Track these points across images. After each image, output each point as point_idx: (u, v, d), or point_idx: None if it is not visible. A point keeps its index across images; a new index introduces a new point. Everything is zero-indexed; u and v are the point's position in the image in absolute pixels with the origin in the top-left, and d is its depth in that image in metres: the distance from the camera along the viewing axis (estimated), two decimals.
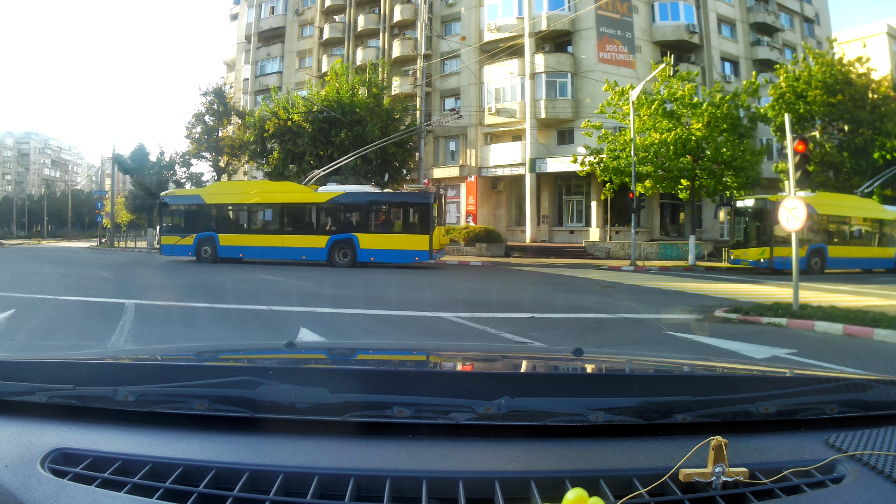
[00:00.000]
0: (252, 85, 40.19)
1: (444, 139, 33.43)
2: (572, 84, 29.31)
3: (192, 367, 1.38)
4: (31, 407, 1.12)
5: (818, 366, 5.56)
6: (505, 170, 30.83)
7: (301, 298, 11.02)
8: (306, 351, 1.83)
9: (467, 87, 31.97)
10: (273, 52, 40.46)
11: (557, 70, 29.34)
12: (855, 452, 1.00)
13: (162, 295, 11.42)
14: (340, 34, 37.26)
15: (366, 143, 23.76)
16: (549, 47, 30.49)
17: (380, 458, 0.97)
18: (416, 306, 10.32)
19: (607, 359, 1.92)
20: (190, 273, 16.76)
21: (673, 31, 30.36)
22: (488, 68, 31.03)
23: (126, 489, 0.88)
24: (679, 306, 10.79)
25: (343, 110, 25.27)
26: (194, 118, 33.52)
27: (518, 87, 29.97)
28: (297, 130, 25.75)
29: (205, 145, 33.42)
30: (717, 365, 1.83)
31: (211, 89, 33.54)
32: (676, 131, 21.62)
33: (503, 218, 32.47)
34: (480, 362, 1.85)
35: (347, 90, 25.93)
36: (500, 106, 30.48)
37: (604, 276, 17.40)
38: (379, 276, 16.75)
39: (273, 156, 26.91)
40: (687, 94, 22.12)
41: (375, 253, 19.49)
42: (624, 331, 8.35)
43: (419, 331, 7.98)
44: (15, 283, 13.40)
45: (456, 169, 32.45)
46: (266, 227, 21.32)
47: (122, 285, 13.17)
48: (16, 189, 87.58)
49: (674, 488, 0.91)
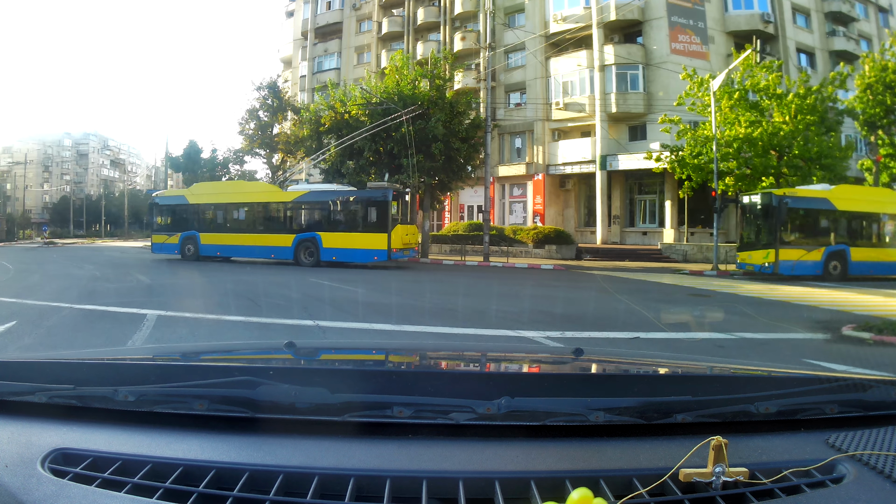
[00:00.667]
0: (309, 82, 39.36)
1: (509, 135, 32.19)
2: (644, 76, 27.88)
3: (192, 367, 1.38)
4: (31, 407, 1.13)
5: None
6: (574, 167, 29.59)
7: (349, 308, 9.94)
8: (306, 351, 1.84)
9: (533, 81, 30.71)
10: (330, 48, 39.95)
11: (628, 62, 27.98)
12: (855, 452, 1.00)
13: (190, 304, 10.16)
14: (399, 28, 36.50)
15: (428, 139, 22.97)
16: (618, 38, 29.14)
17: (380, 458, 0.97)
18: (491, 321, 8.71)
19: (607, 359, 1.92)
20: (224, 274, 15.96)
21: (747, 21, 28.51)
22: (555, 61, 29.82)
23: (126, 489, 0.89)
24: (792, 321, 9.42)
25: (404, 103, 23.46)
26: (247, 114, 32.79)
27: (587, 80, 28.78)
28: (355, 124, 24.19)
29: (258, 142, 32.62)
30: (717, 365, 1.83)
31: (265, 84, 32.70)
32: (762, 125, 19.98)
33: (572, 218, 31.31)
34: (480, 362, 1.85)
35: (408, 82, 24.33)
36: (568, 100, 29.34)
37: (690, 283, 16.12)
38: (429, 278, 16.03)
39: (329, 152, 25.58)
40: (772, 85, 20.46)
41: (337, 252, 19.29)
42: (754, 358, 7.03)
43: None
44: (37, 288, 12.48)
45: (522, 167, 31.31)
46: (240, 227, 21.57)
47: (154, 290, 12.11)
48: (74, 189, 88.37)
49: (674, 488, 0.91)
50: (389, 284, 14.28)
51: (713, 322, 9.43)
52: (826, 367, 5.95)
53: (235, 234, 21.20)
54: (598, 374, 1.56)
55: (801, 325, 9.05)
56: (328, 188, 21.80)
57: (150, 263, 19.99)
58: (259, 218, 21.43)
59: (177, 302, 10.39)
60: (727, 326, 8.72)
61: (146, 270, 17.36)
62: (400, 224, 19.30)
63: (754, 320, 9.40)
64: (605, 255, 25.63)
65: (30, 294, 10.81)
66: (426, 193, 24.95)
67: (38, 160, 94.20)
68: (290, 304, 10.13)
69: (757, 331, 8.41)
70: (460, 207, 34.09)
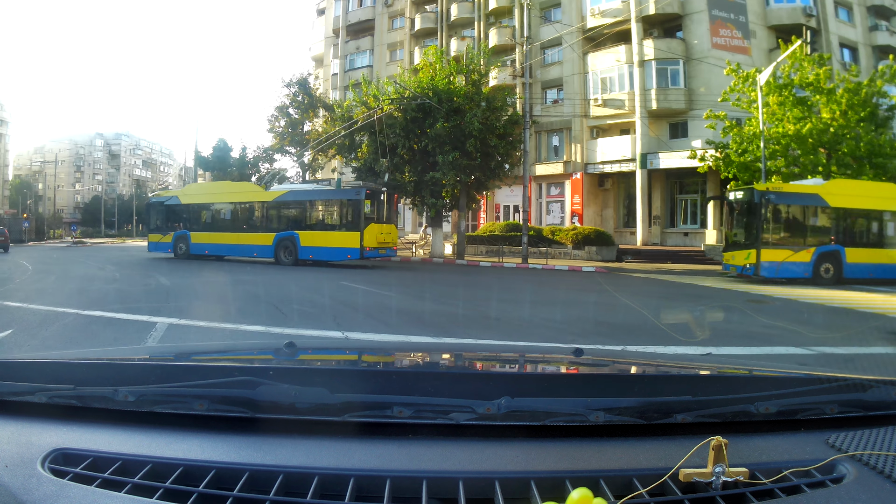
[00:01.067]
0: (341, 80, 38.39)
1: (546, 133, 31.23)
2: (684, 72, 27.03)
3: (192, 367, 1.38)
4: (31, 407, 1.13)
5: None
6: (613, 166, 28.69)
7: (380, 315, 9.00)
8: (306, 351, 1.85)
9: (570, 77, 29.87)
10: (362, 46, 39.33)
11: (668, 57, 27.02)
12: (855, 452, 1.00)
13: (205, 310, 9.36)
14: (433, 24, 35.76)
15: (464, 135, 22.19)
16: (657, 32, 28.24)
17: (380, 458, 0.97)
18: (538, 332, 7.85)
19: (607, 359, 1.92)
20: (249, 277, 14.95)
21: (789, 15, 27.49)
22: (592, 56, 29.07)
23: (126, 489, 0.89)
24: (863, 331, 8.60)
25: (439, 98, 22.69)
26: (277, 111, 31.93)
27: (626, 75, 27.93)
28: (388, 121, 23.39)
29: (288, 139, 31.74)
30: (717, 365, 1.82)
31: (295, 80, 31.76)
32: (811, 121, 18.90)
33: (610, 218, 30.34)
34: (480, 362, 1.85)
35: (443, 76, 23.37)
36: (606, 96, 28.52)
37: (742, 287, 14.84)
38: (464, 280, 15.50)
39: (362, 149, 24.94)
40: (822, 79, 19.32)
41: (313, 250, 19.44)
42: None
43: None
44: (48, 291, 11.71)
45: (560, 165, 30.43)
46: (226, 226, 22.03)
47: (171, 294, 11.28)
48: (106, 189, 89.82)
49: (674, 488, 0.91)
50: (422, 288, 13.57)
51: (784, 333, 8.35)
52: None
53: (222, 234, 21.76)
54: (598, 374, 1.56)
55: (877, 338, 8.18)
56: (306, 188, 22.31)
57: (174, 264, 19.69)
58: (243, 217, 21.88)
59: (192, 308, 9.67)
60: (801, 339, 7.82)
61: (168, 272, 16.63)
62: (375, 223, 19.38)
63: (819, 329, 8.67)
64: (646, 257, 24.79)
65: (38, 298, 10.14)
66: (462, 192, 24.22)
67: (70, 160, 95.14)
68: (320, 311, 9.30)
69: (835, 344, 7.61)
70: (496, 207, 33.42)
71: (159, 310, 8.61)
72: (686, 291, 14.07)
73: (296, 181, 33.48)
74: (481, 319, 8.95)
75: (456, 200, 24.57)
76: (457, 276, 17.13)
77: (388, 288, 13.02)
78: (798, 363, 6.48)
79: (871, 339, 8.01)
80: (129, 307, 9.09)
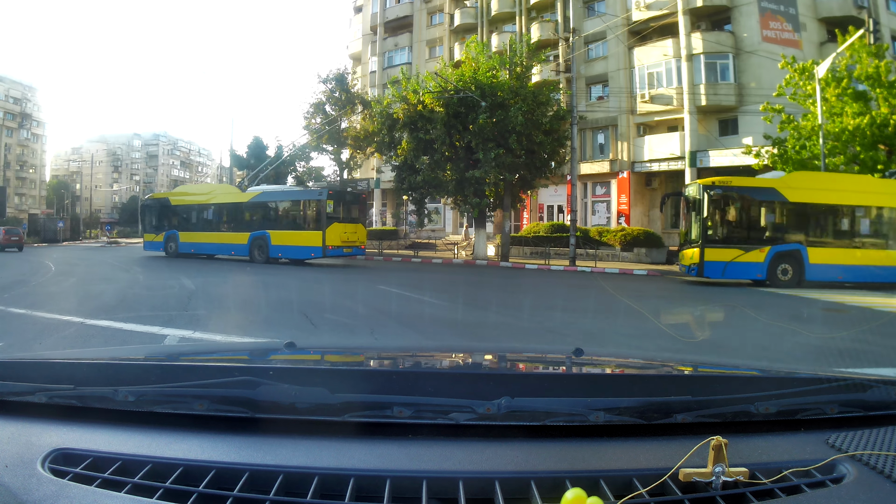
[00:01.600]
0: (380, 77, 37.90)
1: (590, 131, 30.19)
2: (734, 66, 26.04)
3: (192, 367, 1.38)
4: (31, 407, 1.13)
5: None
6: (661, 164, 27.73)
7: (417, 325, 8.06)
8: (306, 351, 1.85)
9: (616, 73, 29.04)
10: (401, 43, 38.57)
11: (717, 50, 26.10)
12: (855, 452, 1.00)
13: (224, 321, 8.43)
14: (473, 20, 34.98)
15: (508, 131, 21.36)
16: (704, 25, 27.33)
17: (380, 458, 0.97)
18: (621, 344, 6.93)
19: (607, 359, 1.92)
20: (273, 280, 14.36)
21: (839, 6, 26.26)
22: (638, 50, 28.21)
23: (126, 489, 0.89)
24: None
25: (482, 92, 21.95)
26: (313, 108, 31.10)
27: (673, 70, 27.12)
28: (429, 116, 22.63)
29: (325, 137, 30.88)
30: (717, 365, 1.82)
31: (331, 76, 31.02)
32: (871, 115, 17.72)
33: (658, 219, 28.67)
34: (480, 362, 1.85)
35: (486, 70, 22.53)
36: (653, 92, 27.60)
37: (811, 294, 13.29)
38: (512, 284, 14.71)
39: (402, 146, 24.11)
40: (883, 72, 18.16)
41: (282, 249, 20.32)
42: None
43: None
44: (61, 295, 11.03)
45: (605, 164, 29.47)
46: (209, 226, 23.11)
47: (192, 300, 10.27)
48: (144, 189, 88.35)
49: (674, 488, 0.91)
50: (474, 294, 12.58)
51: (882, 351, 7.12)
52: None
53: (205, 233, 22.90)
54: (598, 374, 1.56)
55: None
56: (278, 188, 23.53)
57: (204, 265, 19.44)
58: (223, 218, 22.84)
59: (210, 317, 8.65)
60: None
61: (196, 273, 15.82)
62: (339, 222, 20.05)
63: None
64: None
65: (47, 304, 9.47)
66: (506, 191, 23.38)
67: (108, 161, 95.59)
68: (353, 318, 8.49)
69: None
70: (539, 207, 32.62)
71: (173, 319, 7.86)
72: (754, 300, 12.41)
73: (333, 180, 33.56)
74: (545, 333, 7.78)
75: (500, 200, 23.83)
76: (504, 279, 16.46)
77: (420, 292, 12.14)
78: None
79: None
80: (141, 316, 8.39)
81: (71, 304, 9.76)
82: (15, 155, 71.48)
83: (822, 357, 6.38)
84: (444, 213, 35.10)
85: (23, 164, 73.33)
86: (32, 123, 74.60)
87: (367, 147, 29.63)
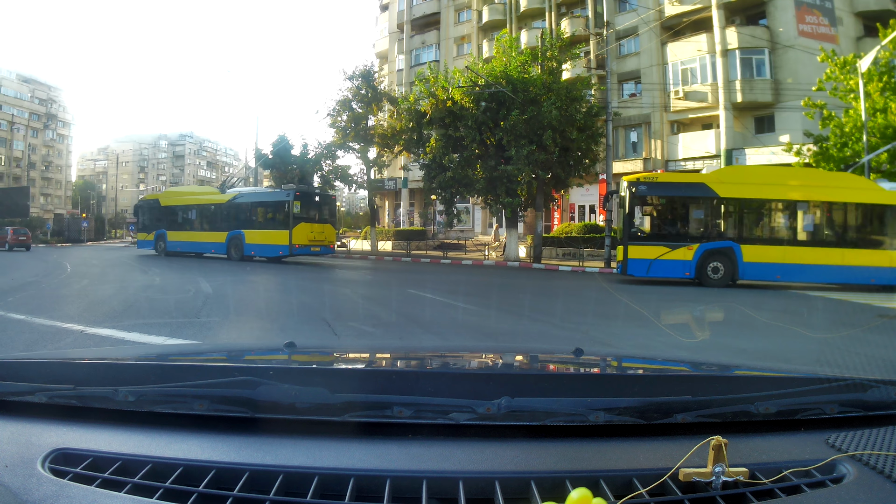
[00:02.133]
0: (407, 76, 37.10)
1: (623, 128, 29.52)
2: (770, 62, 25.45)
3: (192, 367, 1.38)
4: (31, 407, 1.13)
5: None
6: (695, 163, 26.81)
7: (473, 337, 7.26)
8: (306, 351, 1.85)
9: (648, 69, 28.55)
10: (428, 40, 38.19)
11: (753, 46, 25.53)
12: (855, 452, 1.00)
13: (236, 330, 7.75)
14: (501, 16, 34.50)
15: (542, 127, 20.71)
16: (739, 20, 26.78)
17: (380, 458, 0.97)
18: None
19: (607, 359, 1.91)
20: (293, 284, 13.66)
21: (876, 0, 25.69)
22: (672, 46, 27.75)
23: (126, 489, 0.89)
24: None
25: (514, 87, 21.27)
26: (339, 105, 30.35)
27: (708, 66, 26.68)
28: (459, 112, 22.07)
29: (351, 134, 30.24)
30: (717, 365, 1.82)
31: (357, 72, 30.19)
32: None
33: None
34: (480, 362, 1.84)
35: (518, 64, 21.89)
36: (687, 89, 27.15)
37: (859, 299, 12.21)
38: (544, 289, 13.91)
39: (430, 144, 23.53)
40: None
41: (255, 247, 21.85)
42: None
43: None
44: (68, 299, 10.32)
45: (638, 162, 28.83)
46: (193, 226, 24.50)
47: (206, 305, 9.41)
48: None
49: (674, 488, 0.91)
50: (523, 298, 11.72)
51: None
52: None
53: (190, 233, 24.38)
54: (598, 374, 1.56)
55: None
56: (252, 191, 25.12)
57: (226, 266, 19.01)
58: (204, 218, 24.28)
59: (222, 326, 7.85)
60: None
61: (216, 275, 15.18)
62: (306, 222, 21.37)
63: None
64: None
65: (50, 308, 8.82)
66: (539, 190, 22.71)
67: (134, 161, 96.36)
68: (380, 326, 7.86)
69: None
70: (570, 207, 32.15)
71: (182, 328, 7.28)
72: (801, 304, 11.62)
73: (360, 179, 33.36)
74: (596, 345, 6.78)
75: (532, 199, 23.14)
76: (542, 282, 15.84)
77: (454, 297, 11.25)
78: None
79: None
80: (149, 323, 7.74)
81: (76, 308, 9.06)
82: (40, 155, 72.43)
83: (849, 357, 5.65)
84: (474, 213, 34.79)
85: (48, 164, 74.15)
86: (58, 124, 75.51)
87: (395, 145, 29.33)
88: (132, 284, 12.88)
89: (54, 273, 16.20)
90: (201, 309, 9.01)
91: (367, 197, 35.58)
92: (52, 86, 75.80)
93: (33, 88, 71.53)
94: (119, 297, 10.75)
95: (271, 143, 34.74)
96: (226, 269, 17.95)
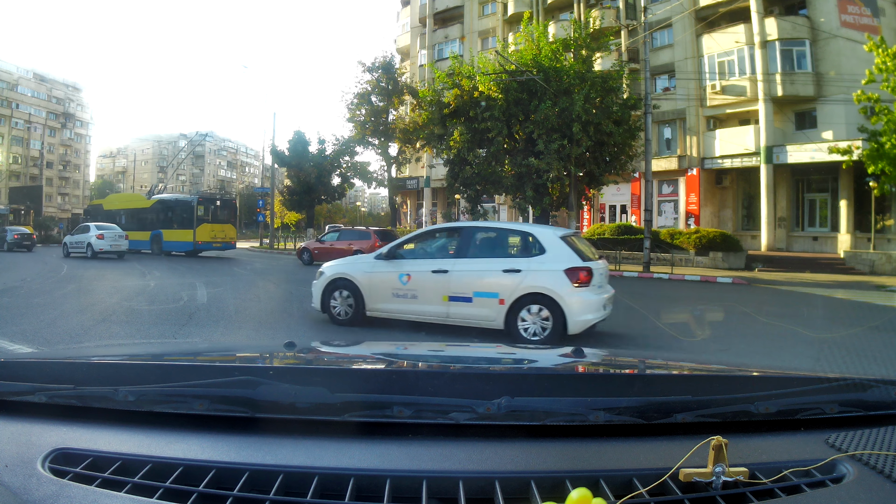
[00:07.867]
0: (429, 71, 35.42)
1: (657, 124, 27.19)
2: (811, 54, 23.98)
3: (192, 367, 1.39)
4: (31, 407, 1.13)
5: None
6: (733, 161, 25.72)
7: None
8: (306, 351, 1.84)
9: (683, 62, 27.07)
10: (451, 34, 36.92)
11: (793, 37, 24.06)
12: (855, 452, 1.01)
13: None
14: (527, 8, 32.20)
15: (574, 119, 19.10)
16: (778, 10, 25.23)
17: (380, 458, 0.97)
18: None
19: (607, 359, 1.91)
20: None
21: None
22: (707, 38, 26.26)
23: (126, 489, 0.89)
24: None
25: (545, 76, 19.58)
26: (357, 98, 29.62)
27: (746, 58, 25.12)
28: (487, 102, 20.48)
29: (370, 129, 29.47)
30: (716, 365, 1.82)
31: (377, 64, 29.42)
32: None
33: (729, 220, 27.21)
34: (480, 362, 1.84)
35: (549, 52, 20.14)
36: (724, 82, 25.63)
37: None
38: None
39: (454, 138, 21.49)
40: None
41: (169, 244, 26.17)
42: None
43: None
44: (39, 308, 9.07)
45: (673, 160, 27.47)
46: (128, 227, 27.67)
47: (195, 316, 8.56)
48: (190, 190, 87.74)
49: (674, 488, 0.92)
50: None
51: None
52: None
53: (127, 232, 27.32)
54: (598, 374, 1.56)
55: None
56: (166, 197, 29.79)
57: (223, 268, 18.87)
58: (135, 220, 28.45)
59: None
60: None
61: (213, 279, 14.75)
62: (209, 223, 25.88)
63: None
64: (779, 265, 21.43)
65: (15, 320, 7.74)
66: (571, 188, 20.97)
67: (154, 161, 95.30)
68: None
69: None
70: (601, 207, 30.71)
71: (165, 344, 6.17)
72: (871, 314, 10.93)
73: (381, 176, 33.18)
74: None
75: (564, 198, 21.31)
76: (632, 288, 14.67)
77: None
78: None
79: None
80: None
81: (38, 322, 7.71)
82: (58, 155, 72.47)
83: None
84: (500, 213, 33.93)
85: (66, 163, 74.36)
86: (76, 123, 75.63)
87: (417, 141, 28.15)
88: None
89: (46, 276, 15.50)
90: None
91: (388, 196, 35.31)
92: (70, 84, 75.93)
93: (50, 87, 71.66)
94: (97, 306, 9.66)
95: (288, 140, 34.37)
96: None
